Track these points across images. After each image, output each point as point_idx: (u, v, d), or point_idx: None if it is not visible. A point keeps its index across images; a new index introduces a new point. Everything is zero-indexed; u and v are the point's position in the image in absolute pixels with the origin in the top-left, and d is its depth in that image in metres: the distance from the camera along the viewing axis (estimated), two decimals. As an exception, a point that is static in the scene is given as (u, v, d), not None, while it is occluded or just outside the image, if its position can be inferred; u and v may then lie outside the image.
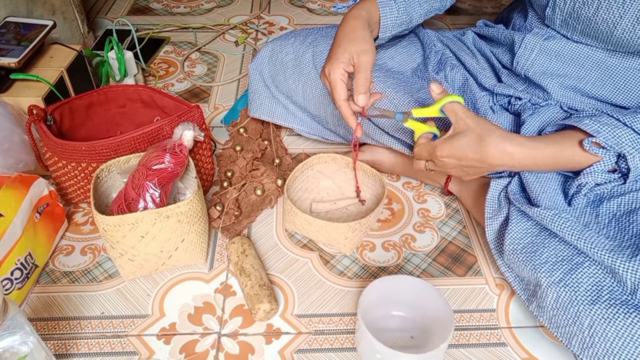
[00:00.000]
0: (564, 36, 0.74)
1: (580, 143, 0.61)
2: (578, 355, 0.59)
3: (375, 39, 0.77)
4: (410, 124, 0.70)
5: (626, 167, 0.61)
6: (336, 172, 0.89)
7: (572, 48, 0.73)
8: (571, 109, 0.76)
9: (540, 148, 0.63)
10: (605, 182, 0.63)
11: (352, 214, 0.86)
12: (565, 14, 0.71)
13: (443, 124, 0.72)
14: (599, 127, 0.60)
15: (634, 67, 0.70)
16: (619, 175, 0.62)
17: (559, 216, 0.62)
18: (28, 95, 0.88)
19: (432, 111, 0.68)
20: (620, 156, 0.61)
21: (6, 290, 0.67)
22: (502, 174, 0.76)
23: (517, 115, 0.79)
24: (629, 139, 0.59)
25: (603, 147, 0.60)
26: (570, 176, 0.68)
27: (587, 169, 0.63)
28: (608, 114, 0.61)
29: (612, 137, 0.59)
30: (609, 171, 0.62)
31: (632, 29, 0.64)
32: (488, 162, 0.64)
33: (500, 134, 0.63)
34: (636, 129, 0.59)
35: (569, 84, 0.75)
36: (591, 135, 0.60)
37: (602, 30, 0.67)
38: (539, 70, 0.76)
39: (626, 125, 0.59)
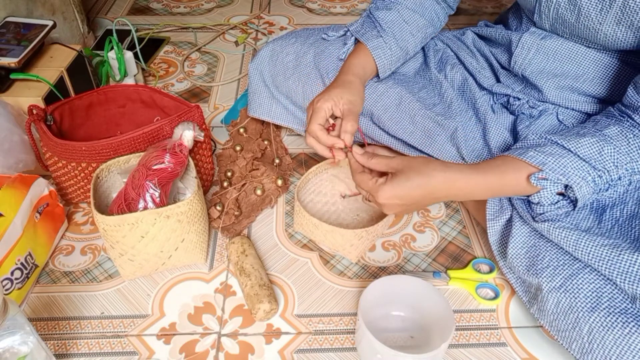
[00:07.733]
0: (558, 35, 0.74)
1: (527, 177, 0.60)
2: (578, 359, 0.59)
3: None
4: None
5: (574, 194, 0.60)
6: (351, 177, 0.88)
7: (569, 46, 0.73)
8: (567, 108, 0.76)
9: (480, 175, 0.63)
10: (554, 206, 0.62)
11: (364, 220, 0.85)
12: (551, 19, 0.72)
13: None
14: (543, 158, 0.59)
15: (631, 64, 0.70)
16: (568, 200, 0.62)
17: (556, 226, 0.62)
18: (28, 95, 0.88)
19: None
20: (567, 185, 0.60)
21: (6, 290, 0.67)
22: None
23: (517, 116, 0.79)
24: (574, 167, 0.58)
25: (548, 179, 0.59)
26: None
27: (535, 198, 0.62)
28: (552, 141, 0.61)
29: (558, 168, 0.58)
30: (557, 193, 0.62)
31: (613, 34, 0.65)
32: (433, 195, 0.64)
33: (439, 162, 0.64)
34: (580, 155, 0.58)
35: (565, 84, 0.75)
36: (537, 169, 0.59)
37: (586, 35, 0.68)
38: (536, 69, 0.76)
39: (570, 151, 0.59)
